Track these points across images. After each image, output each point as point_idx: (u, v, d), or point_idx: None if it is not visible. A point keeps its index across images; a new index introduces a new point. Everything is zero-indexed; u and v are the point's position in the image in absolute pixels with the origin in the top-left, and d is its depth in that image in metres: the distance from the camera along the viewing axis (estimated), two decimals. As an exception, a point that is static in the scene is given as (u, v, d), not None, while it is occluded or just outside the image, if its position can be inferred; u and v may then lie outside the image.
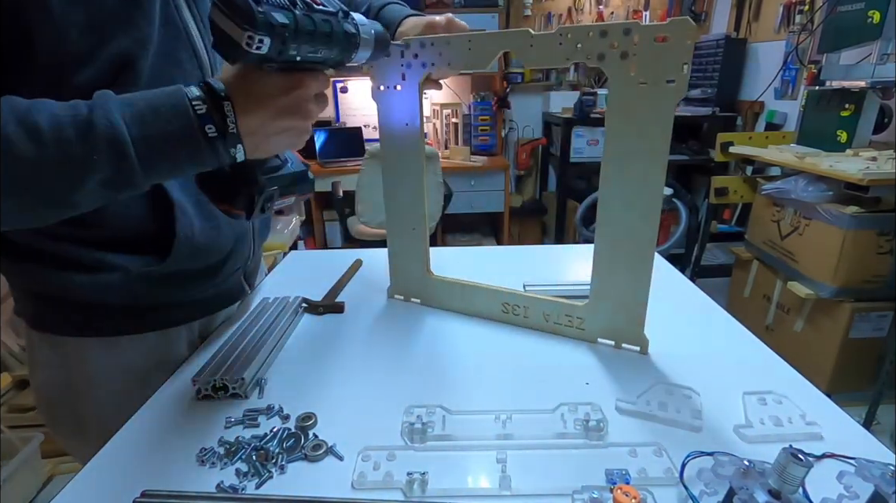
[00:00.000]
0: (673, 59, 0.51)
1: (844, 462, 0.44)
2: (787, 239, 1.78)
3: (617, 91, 0.55)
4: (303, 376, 0.61)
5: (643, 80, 0.53)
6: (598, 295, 0.64)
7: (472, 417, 0.52)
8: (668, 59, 0.51)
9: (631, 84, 0.53)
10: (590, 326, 0.67)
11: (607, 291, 0.63)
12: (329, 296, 0.83)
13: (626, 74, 0.53)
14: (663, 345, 0.65)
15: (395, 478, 0.44)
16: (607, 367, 0.62)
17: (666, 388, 0.55)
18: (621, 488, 0.39)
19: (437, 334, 0.71)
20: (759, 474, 0.38)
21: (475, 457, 0.47)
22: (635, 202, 0.58)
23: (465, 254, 1.03)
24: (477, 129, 3.15)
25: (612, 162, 0.58)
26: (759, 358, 0.64)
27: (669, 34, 0.50)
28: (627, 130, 0.55)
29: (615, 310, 0.64)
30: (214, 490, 0.44)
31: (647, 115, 0.54)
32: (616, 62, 0.53)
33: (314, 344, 0.69)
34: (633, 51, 0.52)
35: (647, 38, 0.51)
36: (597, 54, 0.54)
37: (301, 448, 0.48)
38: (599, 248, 0.62)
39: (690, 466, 0.43)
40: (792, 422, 0.50)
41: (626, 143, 0.56)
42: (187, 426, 0.52)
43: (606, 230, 0.61)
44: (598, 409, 0.51)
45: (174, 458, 0.48)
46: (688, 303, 0.79)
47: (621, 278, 0.62)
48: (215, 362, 0.59)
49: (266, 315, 0.72)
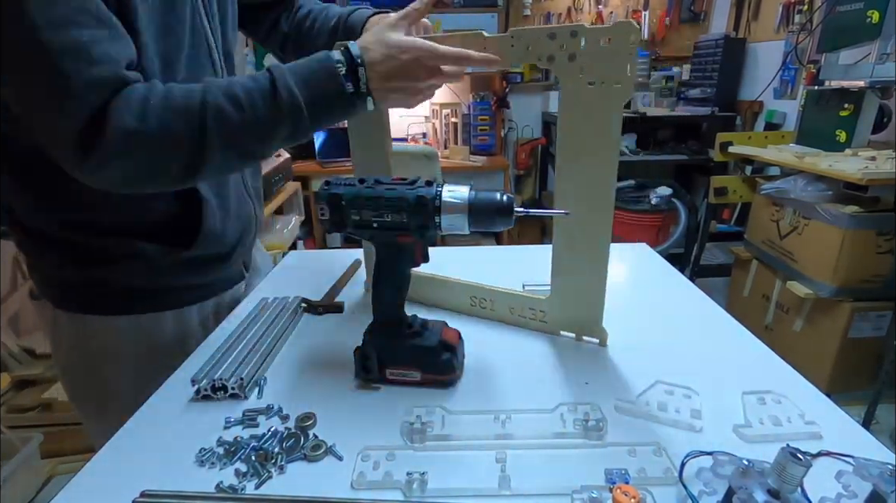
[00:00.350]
0: (618, 62, 0.52)
1: (842, 461, 0.44)
2: (787, 238, 1.78)
3: (567, 91, 0.56)
4: (302, 376, 0.61)
5: (591, 81, 0.54)
6: (558, 288, 0.66)
7: (472, 417, 0.52)
8: (614, 62, 0.52)
9: (580, 85, 0.55)
10: (551, 319, 0.69)
11: (566, 285, 0.66)
12: (328, 296, 0.83)
13: (574, 76, 0.55)
14: (663, 345, 0.65)
15: (395, 477, 0.44)
16: (603, 366, 0.62)
17: (665, 388, 0.55)
18: (620, 488, 0.39)
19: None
20: (758, 474, 0.38)
21: (475, 457, 0.47)
22: (589, 199, 0.59)
23: (465, 255, 1.03)
24: (476, 129, 3.15)
25: (566, 160, 0.60)
26: (759, 357, 0.64)
27: (613, 37, 0.52)
28: (579, 129, 0.57)
29: (574, 303, 0.66)
30: (214, 490, 0.44)
31: (596, 115, 0.55)
32: (565, 64, 0.55)
33: (313, 344, 0.69)
34: (580, 53, 0.54)
35: (593, 41, 0.53)
36: (546, 56, 0.56)
37: (300, 448, 0.48)
38: (557, 243, 0.64)
39: (690, 466, 0.43)
40: (791, 421, 0.50)
41: (578, 142, 0.58)
42: (187, 426, 0.52)
43: (563, 225, 0.63)
44: (597, 409, 0.52)
45: (174, 459, 0.48)
46: (687, 303, 0.79)
47: (578, 272, 0.64)
48: (214, 362, 0.59)
49: (265, 315, 0.72)
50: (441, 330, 0.60)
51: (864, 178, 1.41)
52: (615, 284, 0.67)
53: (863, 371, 1.65)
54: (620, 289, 0.84)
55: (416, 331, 0.59)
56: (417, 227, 0.53)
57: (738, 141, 2.10)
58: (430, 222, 0.52)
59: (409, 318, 0.60)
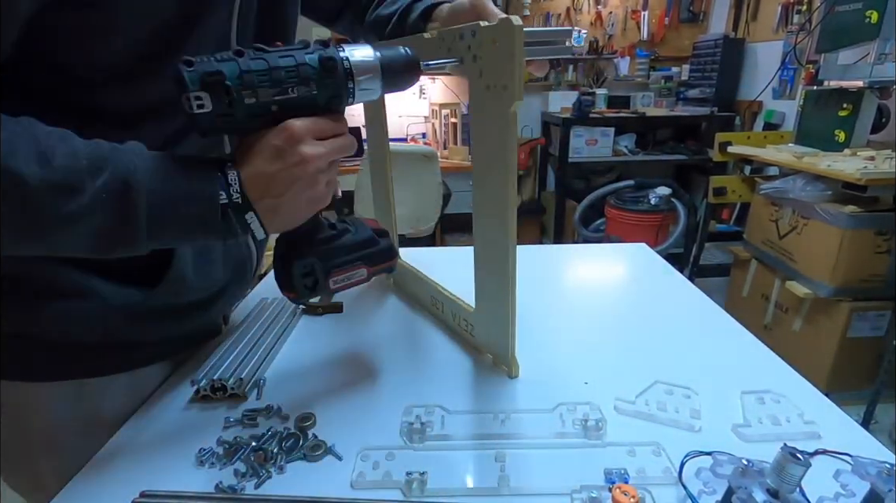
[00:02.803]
0: (505, 62, 0.45)
1: (840, 459, 0.44)
2: (786, 238, 1.79)
3: (472, 96, 0.51)
4: (301, 376, 0.61)
5: (488, 84, 0.48)
6: (480, 302, 0.61)
7: (471, 417, 0.52)
8: (502, 63, 0.46)
9: (480, 87, 0.50)
10: (477, 334, 0.63)
11: (483, 302, 0.60)
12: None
13: (476, 78, 0.50)
14: (662, 345, 0.66)
15: (394, 477, 0.44)
16: (605, 366, 0.62)
17: (664, 388, 0.56)
18: (620, 487, 0.39)
19: (436, 333, 0.71)
20: (757, 473, 0.38)
21: (474, 457, 0.47)
22: (493, 210, 0.54)
23: (465, 254, 1.03)
24: (476, 129, 3.14)
25: (477, 166, 0.55)
26: (758, 357, 0.64)
27: (498, 37, 0.45)
28: (483, 136, 0.52)
29: (490, 322, 0.60)
30: (213, 490, 0.44)
31: (493, 122, 0.50)
32: (470, 65, 0.50)
33: (313, 344, 0.69)
34: (479, 53, 0.48)
35: (486, 40, 0.47)
36: (461, 56, 0.51)
37: (300, 448, 0.48)
38: (476, 252, 0.59)
39: (689, 466, 0.43)
40: (790, 421, 0.50)
41: (484, 149, 0.53)
42: (186, 427, 0.52)
43: (478, 236, 0.58)
44: (596, 409, 0.52)
45: (173, 459, 0.48)
46: (686, 303, 0.79)
47: (491, 288, 0.58)
48: (214, 363, 0.59)
49: (265, 315, 0.72)
50: (363, 221, 0.55)
51: (863, 177, 1.41)
52: (615, 284, 0.67)
53: (861, 370, 1.65)
54: (620, 289, 0.84)
55: (344, 229, 0.52)
56: (330, 99, 0.44)
57: (737, 141, 2.10)
58: (343, 91, 0.44)
59: (325, 220, 0.52)
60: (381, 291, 0.84)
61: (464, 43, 0.50)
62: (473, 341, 0.65)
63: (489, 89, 0.48)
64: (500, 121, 0.49)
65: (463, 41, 0.50)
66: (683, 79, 3.02)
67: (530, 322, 0.71)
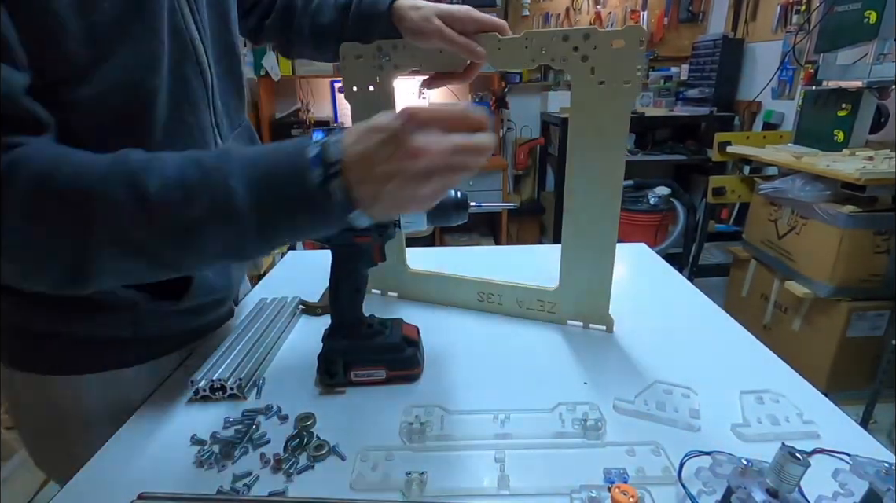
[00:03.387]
0: (628, 62, 0.55)
1: (839, 459, 0.44)
2: (785, 238, 1.79)
3: (579, 91, 0.59)
4: (301, 377, 0.61)
5: (602, 81, 0.57)
6: (567, 280, 0.69)
7: (471, 417, 0.52)
8: (624, 62, 0.55)
9: (591, 84, 0.57)
10: (560, 309, 0.72)
11: (574, 276, 0.69)
12: (326, 296, 0.82)
13: (586, 75, 0.57)
14: (661, 345, 0.66)
15: (394, 478, 0.44)
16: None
17: (664, 388, 0.56)
18: (619, 487, 0.39)
19: (436, 334, 0.71)
20: (756, 473, 0.38)
21: (474, 457, 0.47)
22: (597, 193, 0.62)
23: (464, 255, 1.04)
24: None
25: (576, 155, 0.62)
26: (757, 357, 0.64)
27: (624, 39, 0.54)
28: (588, 126, 0.60)
29: (582, 294, 0.70)
30: (214, 492, 0.43)
31: (606, 114, 0.58)
32: (577, 64, 0.57)
33: (312, 344, 0.69)
34: (592, 54, 0.56)
35: (604, 43, 0.55)
36: (560, 57, 0.58)
37: (301, 448, 0.48)
38: (566, 236, 0.67)
39: (688, 465, 0.43)
40: (789, 420, 0.50)
41: (588, 138, 0.60)
42: (185, 427, 0.52)
43: (571, 219, 0.65)
44: (596, 409, 0.52)
45: (172, 460, 0.48)
46: (685, 303, 0.79)
47: (587, 264, 0.67)
48: (213, 363, 0.59)
49: (264, 316, 0.72)
50: (401, 327, 0.61)
51: (862, 177, 1.41)
52: (614, 284, 0.67)
53: (861, 370, 1.65)
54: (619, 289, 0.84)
55: (378, 330, 0.59)
56: (376, 227, 0.51)
57: (736, 141, 2.10)
58: (388, 222, 0.51)
59: (368, 318, 0.60)
60: (381, 291, 0.84)
61: (569, 44, 0.57)
62: (555, 317, 0.73)
63: (605, 85, 0.57)
64: (616, 111, 0.58)
65: (567, 43, 0.57)
66: (682, 79, 3.01)
67: (530, 322, 0.71)
